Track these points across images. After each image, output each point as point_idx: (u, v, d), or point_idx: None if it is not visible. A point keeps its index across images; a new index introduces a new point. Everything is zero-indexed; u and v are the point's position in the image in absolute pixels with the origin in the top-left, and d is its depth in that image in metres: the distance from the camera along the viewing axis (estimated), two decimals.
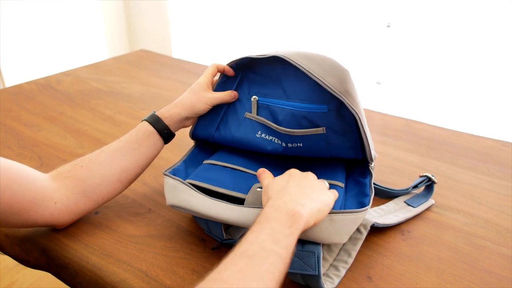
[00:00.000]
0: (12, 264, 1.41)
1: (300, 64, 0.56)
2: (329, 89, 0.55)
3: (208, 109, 0.65)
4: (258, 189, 0.56)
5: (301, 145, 0.63)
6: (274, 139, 0.64)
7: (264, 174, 0.55)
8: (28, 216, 0.52)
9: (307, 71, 0.56)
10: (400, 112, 1.10)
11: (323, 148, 0.63)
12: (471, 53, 1.79)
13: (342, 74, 0.56)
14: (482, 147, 0.88)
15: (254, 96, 0.65)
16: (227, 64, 0.66)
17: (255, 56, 0.62)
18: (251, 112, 0.66)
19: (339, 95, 0.55)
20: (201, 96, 0.65)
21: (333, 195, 0.51)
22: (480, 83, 1.81)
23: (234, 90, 0.67)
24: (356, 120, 0.57)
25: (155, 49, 1.92)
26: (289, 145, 0.63)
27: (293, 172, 0.53)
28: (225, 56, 2.55)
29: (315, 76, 0.55)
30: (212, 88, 0.67)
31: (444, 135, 0.92)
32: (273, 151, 0.64)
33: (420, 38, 1.90)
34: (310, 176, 0.52)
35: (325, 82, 0.55)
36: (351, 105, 0.55)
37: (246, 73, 0.67)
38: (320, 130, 0.61)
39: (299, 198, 0.46)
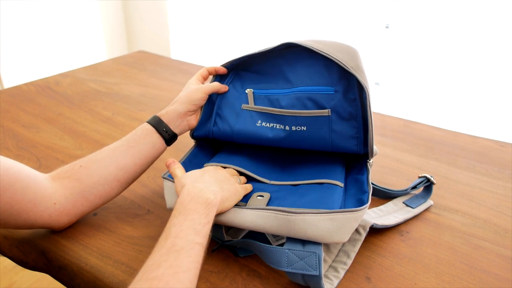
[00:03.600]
0: (11, 266, 1.41)
1: (310, 45, 0.58)
2: (340, 64, 0.56)
3: (205, 98, 0.65)
4: (258, 197, 0.56)
5: (304, 128, 0.62)
6: (276, 125, 0.63)
7: (174, 164, 0.56)
8: (27, 216, 0.52)
9: (317, 49, 0.57)
10: (398, 113, 1.10)
11: (325, 136, 0.62)
12: (470, 54, 1.80)
13: (351, 51, 0.58)
14: (480, 148, 0.88)
15: (249, 89, 0.65)
16: (221, 65, 0.67)
17: (260, 51, 0.62)
18: (248, 104, 0.65)
19: (350, 69, 0.55)
20: (193, 88, 0.65)
21: (244, 190, 0.56)
22: (478, 83, 1.81)
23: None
24: (363, 105, 0.58)
25: (154, 50, 1.93)
26: (293, 128, 0.62)
27: (208, 168, 0.57)
28: (224, 57, 2.55)
29: (325, 53, 0.57)
30: None
31: (443, 136, 0.93)
32: (275, 138, 0.64)
33: (419, 39, 1.91)
34: (223, 171, 0.57)
35: (336, 58, 0.56)
36: (361, 79, 0.55)
37: (238, 72, 0.67)
38: (326, 112, 0.60)
39: (211, 186, 0.50)
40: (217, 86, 0.66)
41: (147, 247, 0.58)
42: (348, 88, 0.59)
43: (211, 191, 0.49)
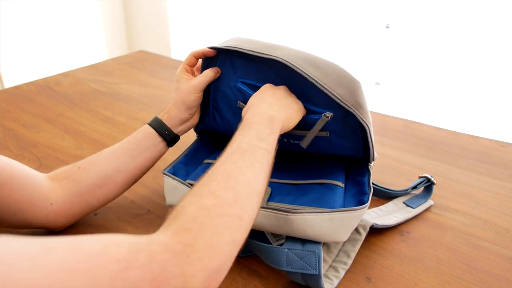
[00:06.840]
0: None
1: (306, 72, 0.53)
2: (339, 101, 0.52)
3: (200, 96, 0.62)
4: None
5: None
6: None
7: None
8: (23, 216, 0.52)
9: (314, 80, 0.52)
10: (398, 113, 1.10)
11: (324, 148, 0.62)
12: (470, 54, 1.80)
13: (352, 85, 0.53)
14: (480, 148, 0.88)
15: (242, 81, 0.61)
16: (209, 47, 0.61)
17: (250, 52, 0.57)
18: (242, 100, 0.62)
19: (350, 107, 0.52)
20: (184, 89, 0.61)
21: (302, 106, 0.56)
22: (478, 83, 1.81)
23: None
24: (362, 126, 0.55)
25: (154, 50, 1.92)
26: (291, 141, 0.62)
27: (267, 87, 0.57)
28: None
29: (323, 87, 0.52)
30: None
31: (443, 136, 0.93)
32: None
33: (419, 39, 1.91)
34: (282, 89, 0.56)
35: (335, 94, 0.52)
36: (362, 118, 0.53)
37: (230, 54, 0.61)
38: (324, 133, 0.59)
39: (274, 105, 0.52)
40: (209, 76, 0.62)
41: None
42: (347, 114, 0.56)
43: (275, 110, 0.51)
